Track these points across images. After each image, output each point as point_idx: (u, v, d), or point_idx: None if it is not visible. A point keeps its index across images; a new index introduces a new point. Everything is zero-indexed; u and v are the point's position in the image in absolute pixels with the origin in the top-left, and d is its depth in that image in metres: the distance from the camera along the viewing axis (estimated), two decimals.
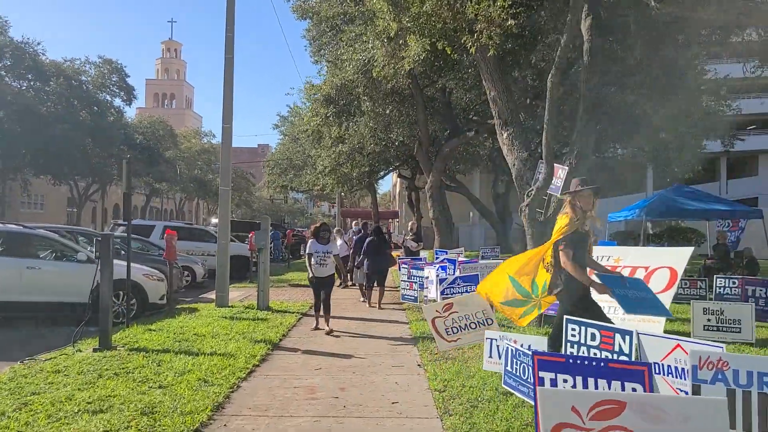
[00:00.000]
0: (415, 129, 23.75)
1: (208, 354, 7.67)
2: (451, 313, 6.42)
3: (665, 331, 6.85)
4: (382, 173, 34.02)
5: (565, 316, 5.12)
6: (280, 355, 7.96)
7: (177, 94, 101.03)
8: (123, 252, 14.66)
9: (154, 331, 9.44)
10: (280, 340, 8.95)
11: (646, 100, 14.71)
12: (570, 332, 4.99)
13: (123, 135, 35.71)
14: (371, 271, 12.99)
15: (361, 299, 14.06)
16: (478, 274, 9.55)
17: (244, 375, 6.75)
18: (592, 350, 4.81)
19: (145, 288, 11.78)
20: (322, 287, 9.98)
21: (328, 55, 19.04)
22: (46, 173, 34.09)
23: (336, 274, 11.09)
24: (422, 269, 12.38)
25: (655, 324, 7.08)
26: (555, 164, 9.44)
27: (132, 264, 12.40)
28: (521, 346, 5.04)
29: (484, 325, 6.35)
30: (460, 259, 14.19)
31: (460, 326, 6.40)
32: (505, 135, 10.52)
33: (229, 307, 12.52)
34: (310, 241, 9.98)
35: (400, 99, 20.48)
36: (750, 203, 43.94)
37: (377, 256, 12.88)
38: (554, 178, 9.47)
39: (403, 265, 13.78)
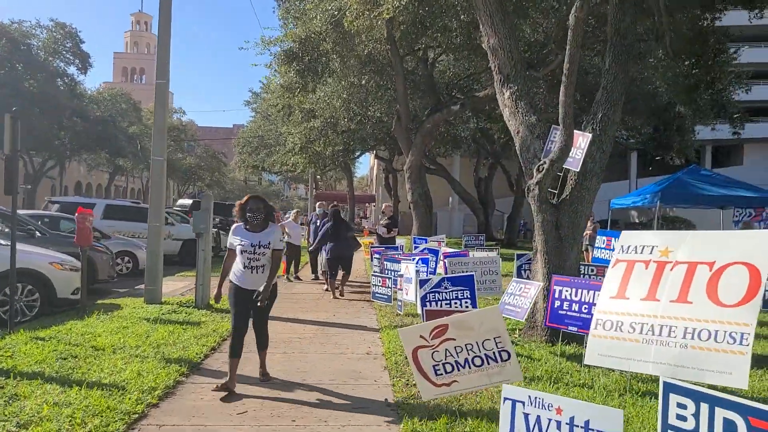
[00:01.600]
0: (394, 104, 21.42)
1: (90, 383, 5.34)
2: (443, 341, 4.11)
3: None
4: (357, 153, 31.60)
5: None
6: (195, 386, 5.64)
7: (147, 69, 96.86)
8: (42, 234, 12.31)
9: (43, 340, 7.08)
10: (203, 358, 6.61)
11: (663, 71, 12.66)
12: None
13: (75, 106, 32.63)
14: (332, 257, 11.76)
15: (325, 287, 12.48)
16: (473, 274, 7.28)
17: (123, 428, 4.43)
18: None
19: (51, 279, 9.36)
20: (245, 309, 5.69)
21: (294, 11, 16.50)
22: None
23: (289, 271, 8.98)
24: (398, 262, 10.10)
25: None
26: (575, 130, 7.24)
27: (40, 250, 10.09)
28: (570, 419, 2.81)
29: (497, 361, 4.09)
30: (443, 249, 11.97)
31: (458, 361, 4.11)
32: (507, 94, 8.26)
33: (161, 303, 10.17)
34: (234, 226, 5.86)
35: (377, 68, 18.10)
36: None
37: (337, 242, 11.69)
38: (573, 148, 7.26)
39: (375, 255, 11.54)
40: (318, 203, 14.17)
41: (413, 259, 9.66)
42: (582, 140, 7.25)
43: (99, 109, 38.55)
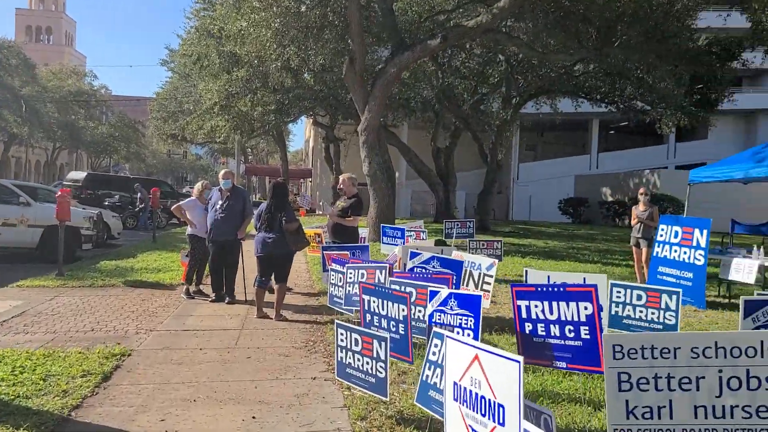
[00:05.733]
0: (341, 44, 16.34)
1: None
2: None
3: None
4: (293, 117, 26.27)
5: None
6: None
7: (54, 27, 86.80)
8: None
9: None
10: None
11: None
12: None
13: None
14: (261, 255, 7.48)
15: (211, 298, 8.53)
16: None
17: None
18: None
19: None
20: None
21: None
22: None
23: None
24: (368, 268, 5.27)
25: None
26: None
27: None
28: None
29: None
30: (455, 252, 7.20)
31: None
32: None
33: None
34: None
35: None
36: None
37: (270, 232, 7.38)
38: None
39: (334, 265, 6.69)
40: (223, 173, 8.86)
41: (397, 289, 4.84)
42: None
43: None
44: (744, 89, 40.03)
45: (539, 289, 3.88)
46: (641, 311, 5.04)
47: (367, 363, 4.02)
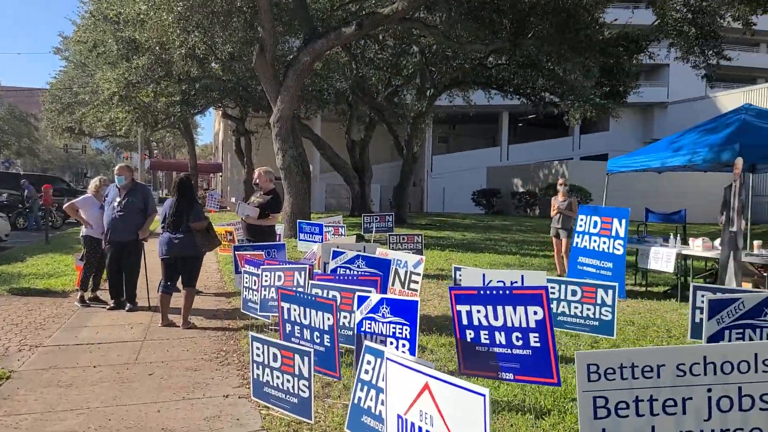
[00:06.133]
0: (249, 33, 15.59)
1: None
2: None
3: None
4: (199, 108, 25.05)
5: None
6: None
7: None
8: None
9: None
10: None
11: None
12: None
13: None
14: (166, 256, 6.70)
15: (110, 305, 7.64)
16: None
17: None
18: None
19: None
20: None
21: None
22: None
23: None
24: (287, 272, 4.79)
25: None
26: None
27: None
28: None
29: None
30: (382, 252, 6.76)
31: None
32: None
33: None
34: None
35: None
36: (601, 159, 41.39)
37: (174, 233, 6.63)
38: None
39: (247, 267, 6.13)
40: (117, 168, 7.96)
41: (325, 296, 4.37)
42: None
43: None
44: (641, 83, 41.99)
45: (482, 292, 3.51)
46: (576, 307, 4.80)
47: (288, 381, 3.51)
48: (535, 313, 3.42)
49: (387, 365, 2.46)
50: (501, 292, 3.48)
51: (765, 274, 7.57)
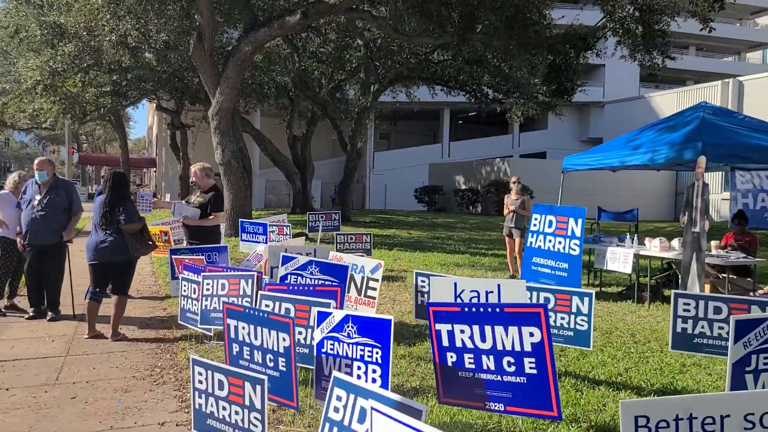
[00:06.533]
0: (186, 22, 14.78)
1: None
2: None
3: None
4: (131, 100, 23.81)
5: None
6: None
7: None
8: None
9: None
10: None
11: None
12: None
13: None
14: (95, 261, 6.00)
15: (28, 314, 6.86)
16: None
17: None
18: None
19: None
20: None
21: None
22: None
23: None
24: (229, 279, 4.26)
25: None
26: None
27: None
28: None
29: None
30: (334, 255, 6.30)
31: None
32: None
33: None
34: None
35: None
36: (539, 157, 41.96)
37: (104, 235, 5.92)
38: None
39: (186, 273, 5.54)
40: (38, 162, 7.16)
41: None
42: None
43: None
44: (580, 82, 42.78)
45: (466, 309, 3.07)
46: (550, 316, 4.48)
47: (237, 413, 3.00)
48: (532, 334, 3.02)
49: (373, 417, 1.99)
50: (490, 309, 3.03)
51: (721, 276, 7.51)
